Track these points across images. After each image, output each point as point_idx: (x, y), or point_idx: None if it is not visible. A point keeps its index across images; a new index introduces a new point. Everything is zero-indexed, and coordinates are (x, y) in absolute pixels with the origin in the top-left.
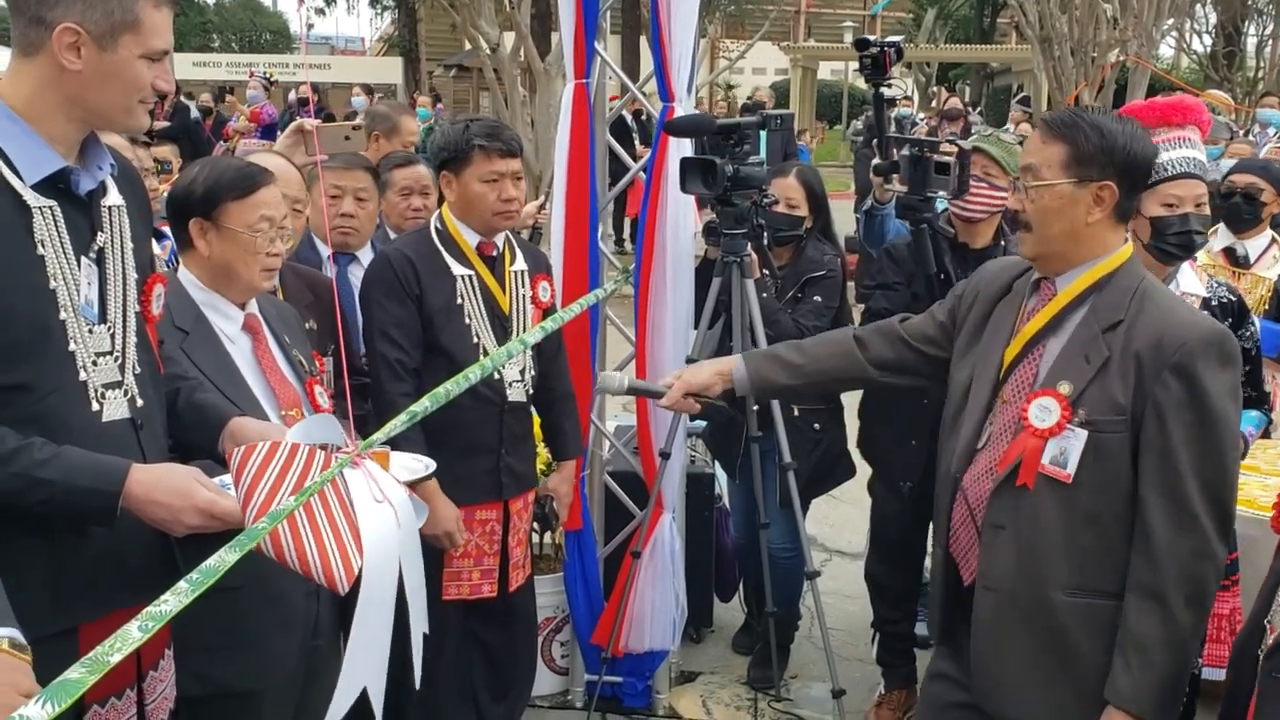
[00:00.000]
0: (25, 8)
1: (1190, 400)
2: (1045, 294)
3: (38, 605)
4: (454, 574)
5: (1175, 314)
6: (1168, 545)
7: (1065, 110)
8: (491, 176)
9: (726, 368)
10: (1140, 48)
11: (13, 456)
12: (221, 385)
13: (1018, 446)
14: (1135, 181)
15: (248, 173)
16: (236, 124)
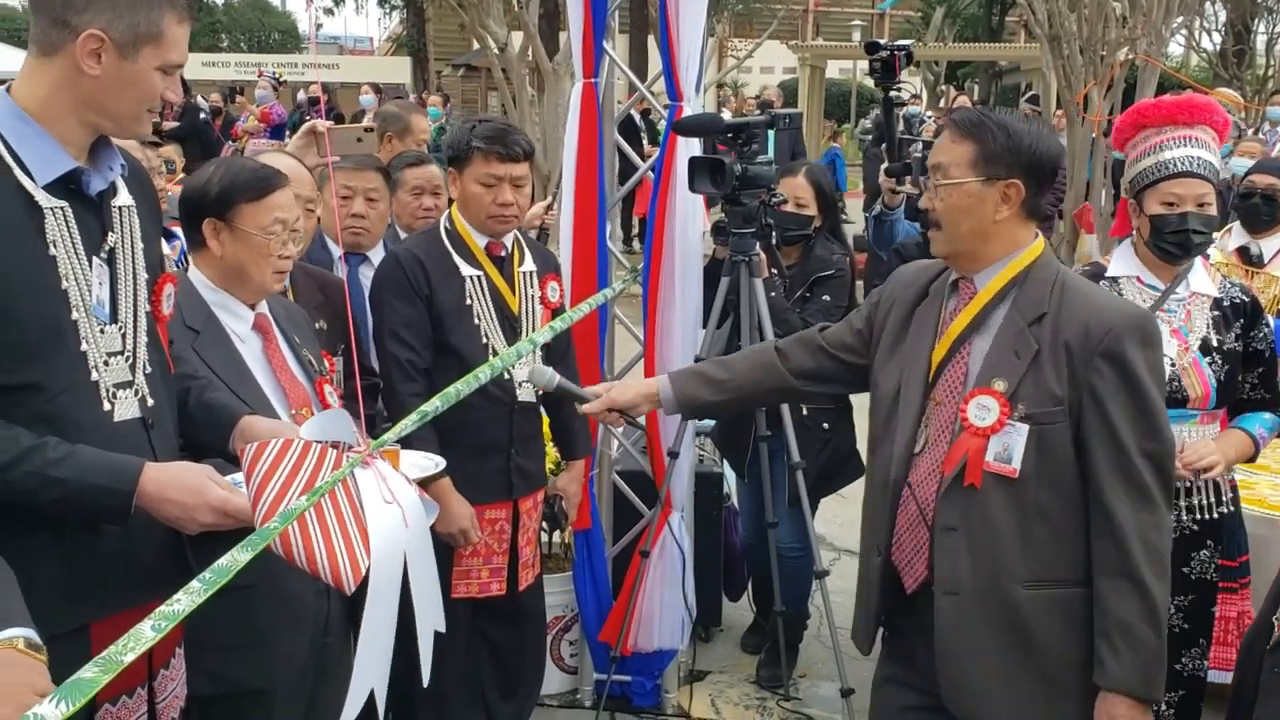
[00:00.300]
0: (50, 9)
1: (1124, 382)
2: (965, 293)
3: (51, 603)
4: (463, 572)
5: (1097, 301)
6: (1131, 525)
7: (973, 110)
8: (489, 180)
9: (652, 389)
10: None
11: (27, 455)
12: (232, 384)
13: (961, 447)
14: (1041, 180)
15: (263, 175)
16: (245, 124)
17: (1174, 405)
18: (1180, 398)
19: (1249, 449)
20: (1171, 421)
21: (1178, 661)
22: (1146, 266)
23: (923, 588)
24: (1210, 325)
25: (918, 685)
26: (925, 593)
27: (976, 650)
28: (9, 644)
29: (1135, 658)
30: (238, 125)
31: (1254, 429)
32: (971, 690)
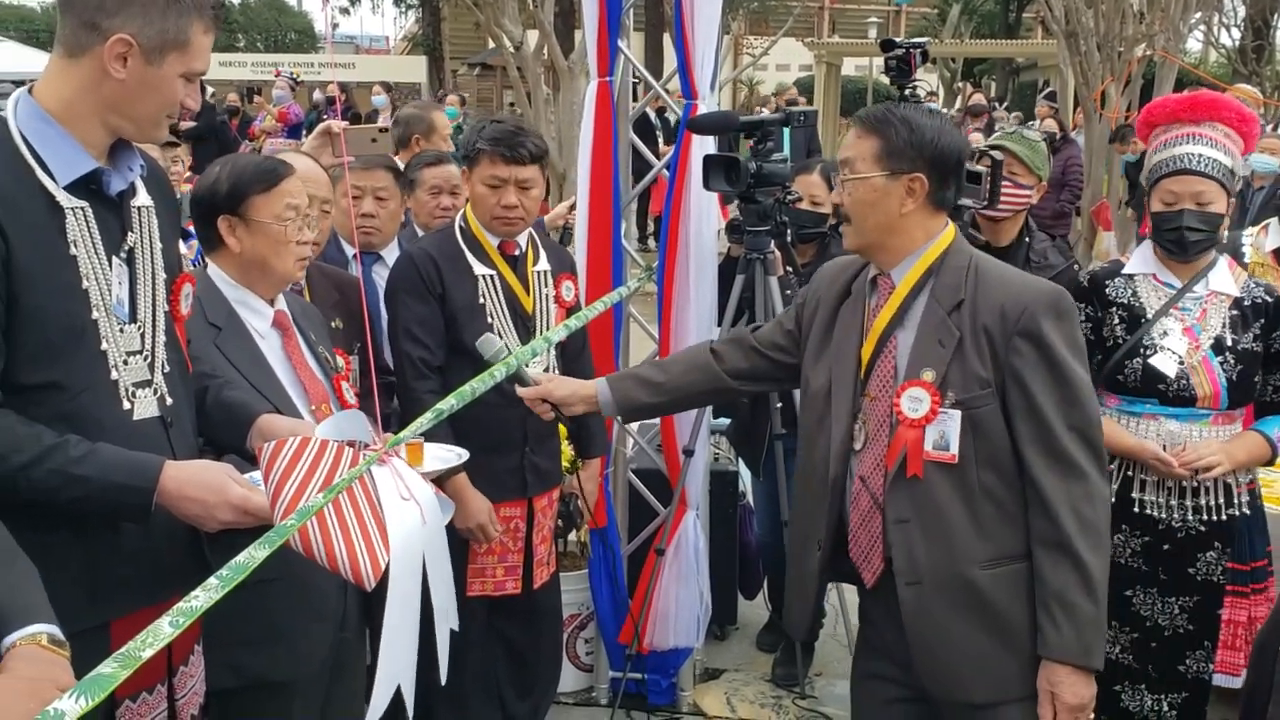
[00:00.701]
0: (81, 11)
1: (1042, 359)
2: (884, 289)
3: (72, 601)
4: (478, 570)
5: (1010, 283)
6: (1060, 497)
7: (879, 106)
8: (494, 181)
9: (590, 391)
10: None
11: (49, 454)
12: (255, 380)
13: (900, 440)
14: (946, 173)
15: (269, 165)
16: (263, 124)
17: (1181, 404)
18: (1188, 396)
19: (1264, 452)
20: (1181, 421)
21: (1181, 663)
22: (1163, 264)
23: (881, 579)
24: (1226, 324)
25: (897, 678)
26: (889, 584)
27: (945, 634)
28: (32, 640)
29: (1073, 627)
30: (255, 125)
31: (1272, 432)
32: (946, 672)
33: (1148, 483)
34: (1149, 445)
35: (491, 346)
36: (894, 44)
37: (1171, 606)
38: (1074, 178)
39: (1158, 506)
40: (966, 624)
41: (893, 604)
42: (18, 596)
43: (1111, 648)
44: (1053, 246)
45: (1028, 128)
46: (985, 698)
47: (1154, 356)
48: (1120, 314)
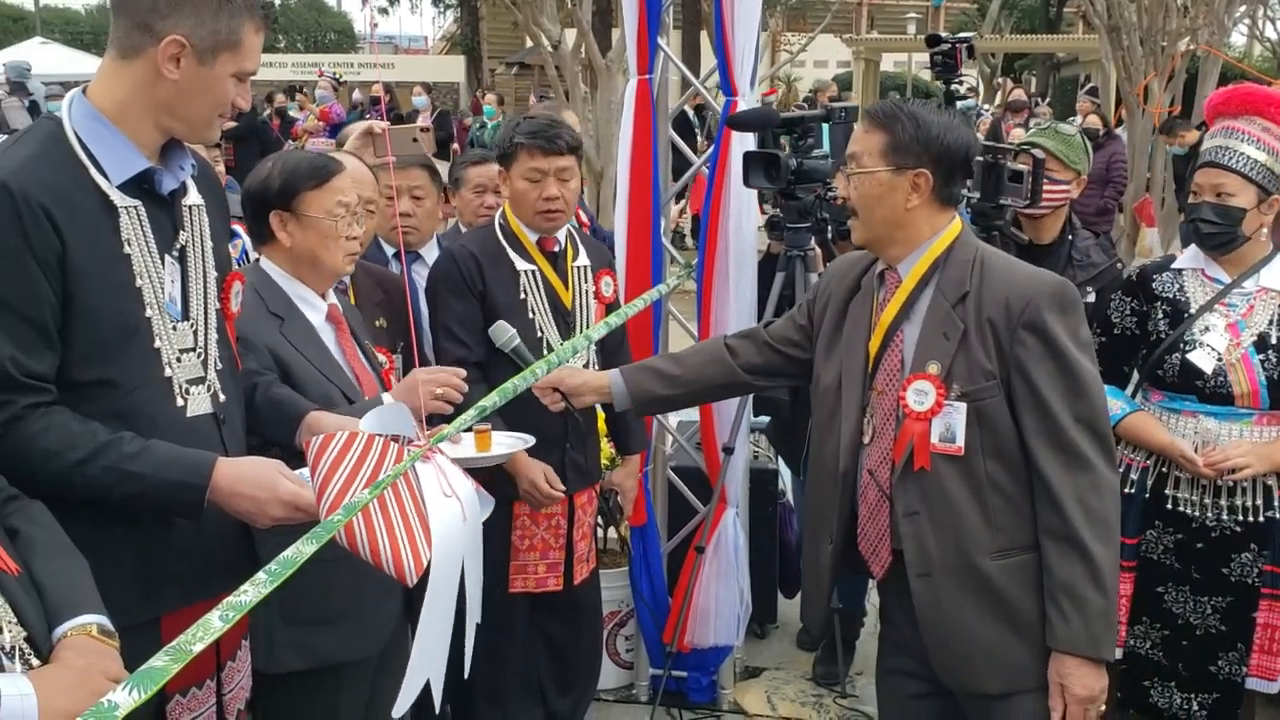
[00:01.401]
0: (135, 13)
1: (1046, 351)
2: (891, 283)
3: (125, 596)
4: (520, 567)
5: (1015, 275)
6: (1066, 489)
7: (887, 102)
8: (534, 174)
9: (603, 381)
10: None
11: (104, 450)
12: (322, 367)
13: (906, 433)
14: (952, 169)
15: (320, 162)
16: (305, 123)
17: (1219, 401)
18: (1225, 394)
19: None
20: (1220, 420)
21: (1213, 663)
22: (1213, 259)
23: (893, 573)
24: (1274, 321)
25: (918, 673)
26: (901, 577)
27: (958, 625)
28: (83, 630)
29: (1081, 619)
30: (298, 124)
31: None
32: (960, 663)
33: (1181, 479)
34: (1179, 443)
35: (503, 334)
36: (939, 39)
37: (1204, 606)
38: (1118, 174)
39: (1191, 504)
40: (978, 614)
41: (906, 598)
42: (69, 588)
43: (1142, 644)
44: (1096, 245)
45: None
46: (1000, 688)
47: (1192, 352)
48: (1165, 308)
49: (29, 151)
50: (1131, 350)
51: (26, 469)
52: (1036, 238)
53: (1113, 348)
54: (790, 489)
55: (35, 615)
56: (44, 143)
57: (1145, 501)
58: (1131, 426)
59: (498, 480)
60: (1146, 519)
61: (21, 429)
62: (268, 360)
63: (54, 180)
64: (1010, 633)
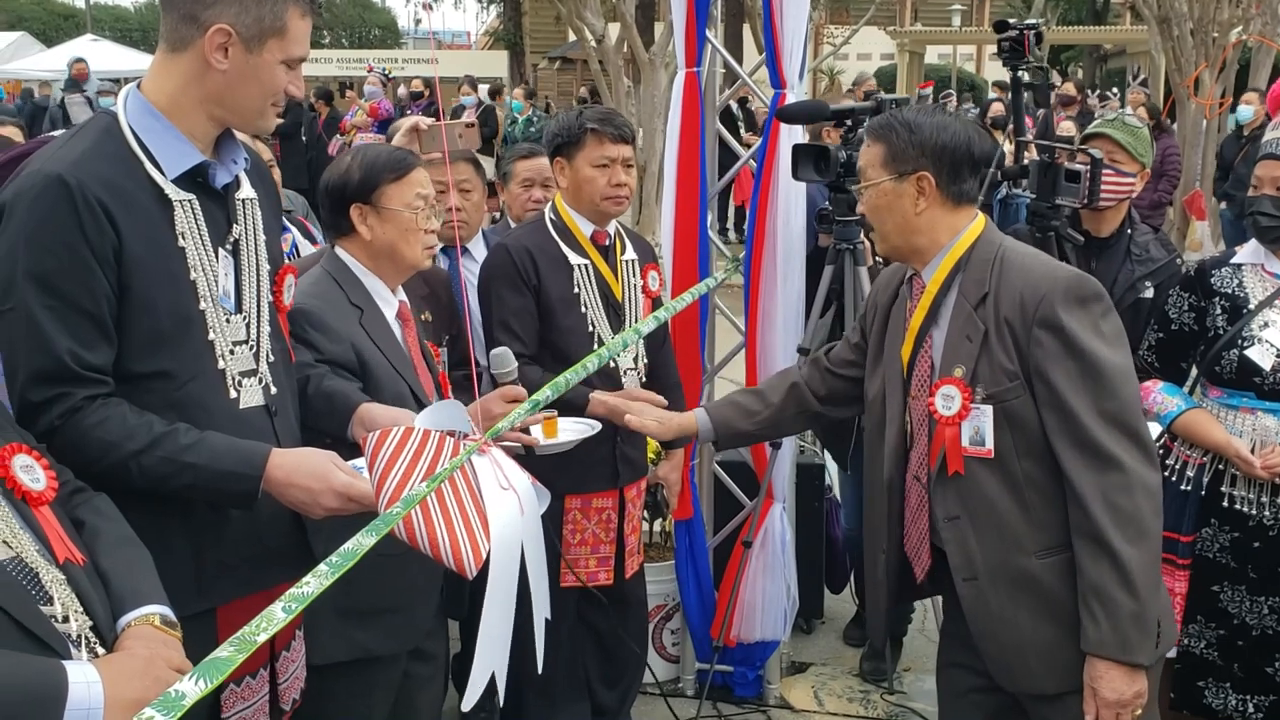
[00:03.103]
0: (180, 5)
1: (1063, 348)
2: (918, 289)
3: (181, 587)
4: (572, 561)
5: (1030, 272)
6: (1091, 488)
7: (883, 115)
8: (603, 161)
9: (689, 421)
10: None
11: (160, 441)
12: (395, 362)
13: (938, 439)
14: (955, 166)
15: (399, 155)
16: (354, 118)
17: (1278, 399)
18: None
19: None
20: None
21: (1270, 664)
22: (1273, 253)
23: (940, 575)
24: None
25: (976, 667)
26: (947, 580)
27: (1009, 627)
28: (146, 620)
29: (1111, 622)
30: (346, 119)
31: None
32: (1015, 665)
33: (1238, 477)
34: (1235, 442)
35: (504, 364)
36: (1007, 25)
37: (1260, 606)
38: (1172, 167)
39: (1248, 502)
40: (1028, 614)
41: (954, 599)
42: (132, 579)
43: (1197, 643)
44: (1155, 240)
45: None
46: (1056, 688)
47: (1251, 348)
48: (1223, 304)
49: (85, 146)
50: (1190, 346)
51: (85, 460)
52: (1096, 231)
53: (1170, 343)
54: (837, 484)
55: (100, 605)
56: (100, 137)
57: (1201, 499)
58: (1188, 424)
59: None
60: (1203, 516)
61: (80, 421)
62: (348, 353)
63: (110, 174)
64: (1062, 631)
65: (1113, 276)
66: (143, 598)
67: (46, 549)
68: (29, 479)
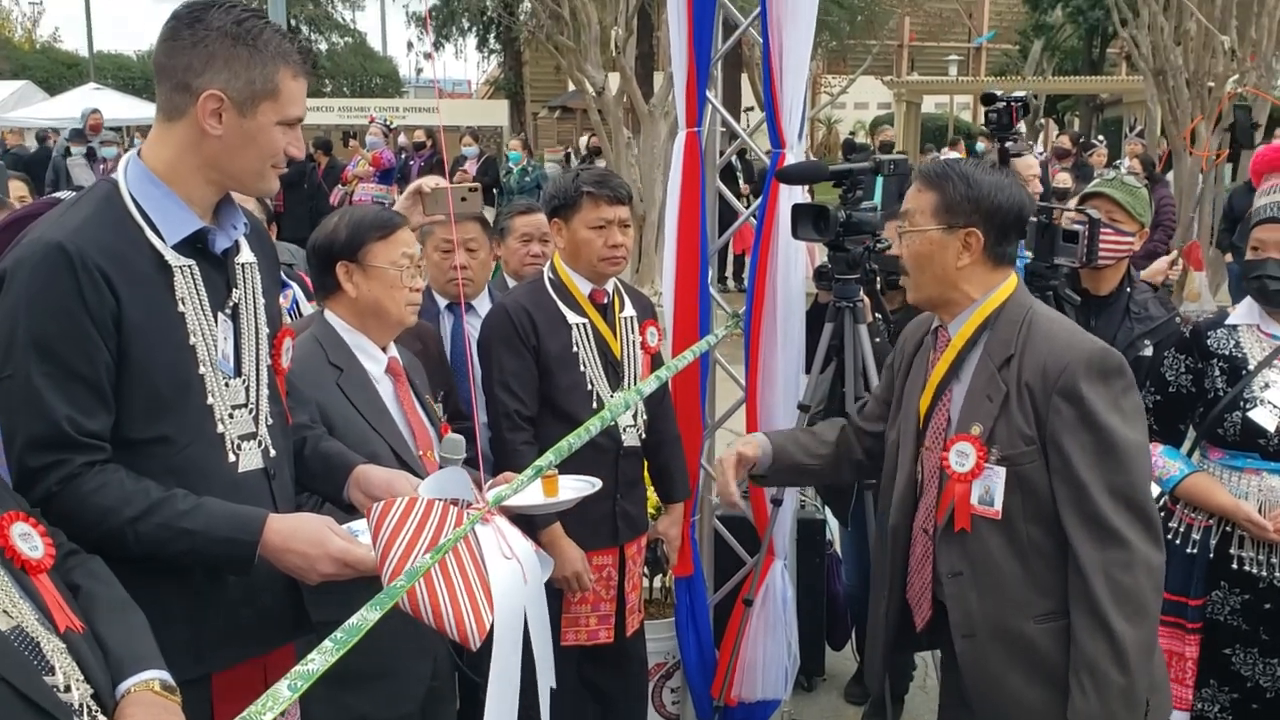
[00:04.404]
0: (172, 75)
1: (1081, 419)
2: (943, 341)
3: (175, 653)
4: (572, 620)
5: (1056, 340)
6: (1093, 563)
7: (940, 161)
8: (599, 222)
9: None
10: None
11: (157, 507)
12: (373, 421)
13: (948, 494)
14: (1005, 228)
15: (386, 215)
16: (356, 169)
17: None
18: None
19: None
20: None
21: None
22: (1268, 314)
23: (939, 630)
24: None
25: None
26: (948, 634)
27: (1001, 686)
28: (145, 686)
29: (1100, 696)
30: (348, 169)
31: None
32: None
33: (1245, 539)
34: (1243, 506)
35: (456, 451)
36: (995, 98)
37: (1274, 668)
38: (1167, 218)
39: (1257, 564)
40: (1021, 676)
41: (951, 654)
42: (130, 644)
43: (1210, 707)
44: (1154, 298)
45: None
46: None
47: (1253, 410)
48: (1221, 365)
49: (86, 214)
50: (1188, 408)
51: (82, 526)
52: (1095, 289)
53: (1168, 406)
54: (838, 539)
55: (100, 672)
56: (100, 205)
57: (1209, 561)
58: (1192, 488)
59: None
60: (1211, 580)
61: (78, 487)
62: (315, 413)
63: (110, 241)
64: (1053, 695)
65: (1112, 335)
66: (141, 662)
67: (46, 617)
68: (27, 547)
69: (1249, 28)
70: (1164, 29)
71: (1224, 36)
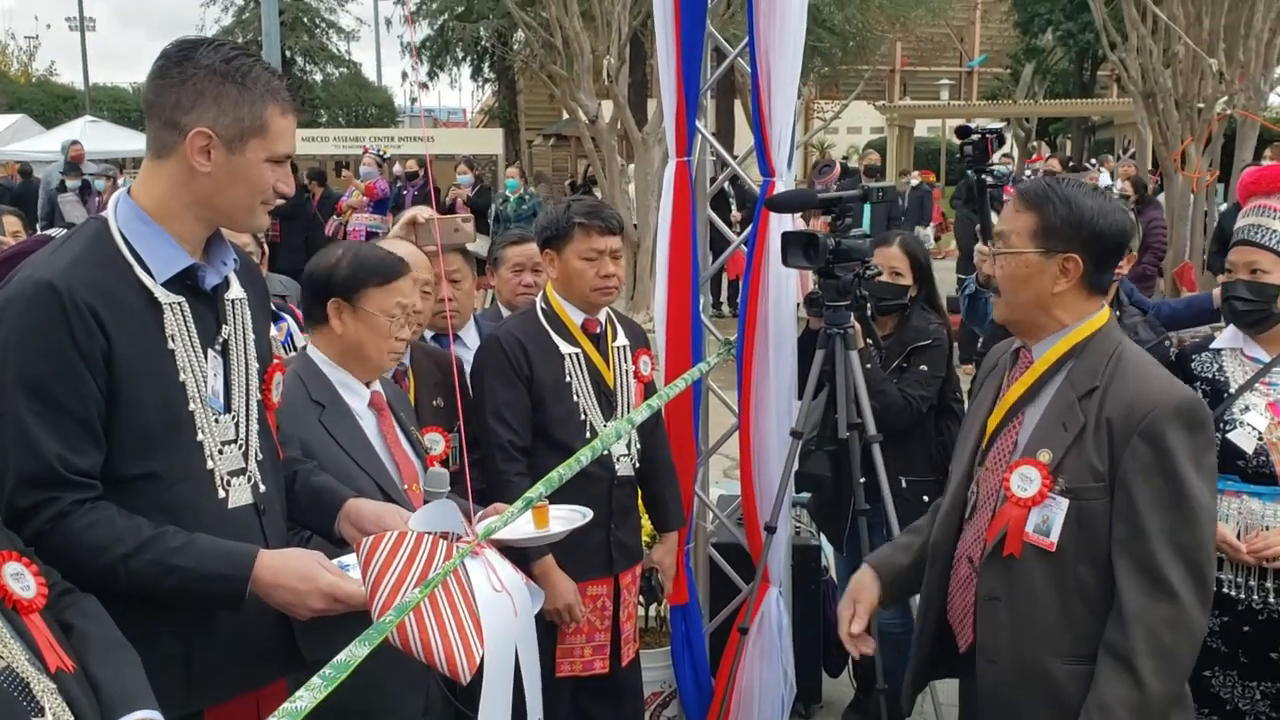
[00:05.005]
0: (161, 112)
1: (1158, 466)
2: (1023, 362)
3: (171, 689)
4: (566, 651)
5: (1147, 381)
6: (1138, 612)
7: (1040, 181)
8: (590, 254)
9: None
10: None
11: (148, 544)
12: (357, 457)
13: (1003, 516)
14: (1105, 255)
15: (390, 261)
16: (350, 199)
17: (1262, 481)
18: (1268, 473)
19: None
20: (1265, 500)
21: None
22: (1252, 338)
23: (970, 651)
24: None
25: None
26: (973, 657)
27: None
28: None
29: None
30: (343, 200)
31: None
32: None
33: (1225, 561)
34: (1221, 528)
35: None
36: (969, 130)
37: (1253, 691)
38: (1156, 240)
39: (1235, 586)
40: (1039, 714)
41: (972, 681)
42: (122, 683)
43: None
44: (1144, 321)
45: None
46: None
47: (1233, 432)
48: (1204, 389)
49: (76, 252)
50: None
51: (74, 564)
52: None
53: None
54: (834, 565)
55: (91, 712)
56: (90, 242)
57: None
58: None
59: None
60: None
61: (68, 525)
62: (298, 449)
63: (100, 279)
64: None
65: None
66: (133, 702)
67: (37, 658)
68: (19, 587)
69: (1237, 50)
70: (1153, 52)
71: (1212, 59)
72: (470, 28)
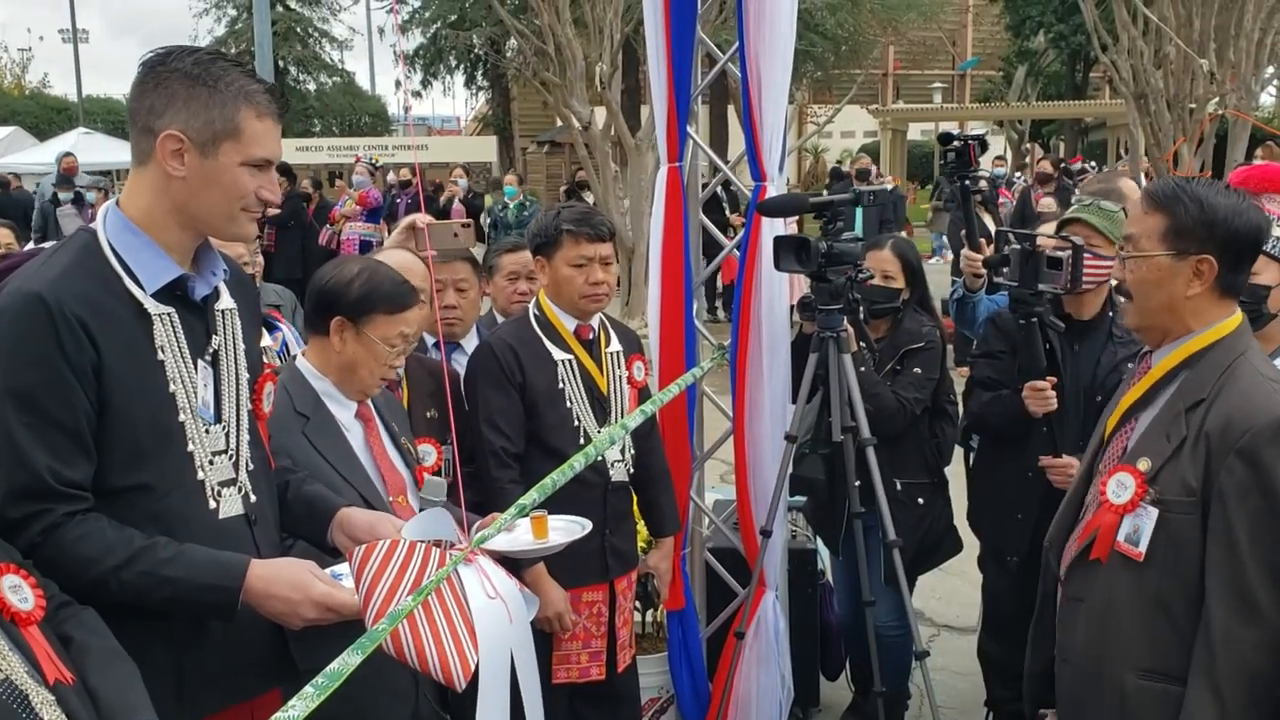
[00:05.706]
0: (138, 118)
1: (1256, 485)
2: (1144, 367)
3: (165, 699)
4: (562, 657)
5: (1250, 397)
6: (1227, 635)
7: (1169, 180)
8: (579, 260)
9: None
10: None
11: (139, 556)
12: (341, 469)
13: (1095, 520)
14: (1240, 256)
15: (403, 291)
16: (343, 208)
17: None
18: None
19: None
20: None
21: None
22: None
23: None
24: None
25: None
26: (1056, 662)
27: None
28: None
29: None
30: (336, 209)
31: None
32: None
33: None
34: None
35: (437, 493)
36: (951, 137)
37: None
38: None
39: None
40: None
41: None
42: (121, 695)
43: None
44: None
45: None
46: None
47: None
48: None
49: (65, 263)
50: None
51: (65, 576)
52: (1078, 314)
53: None
54: (830, 569)
55: None
56: (79, 254)
57: None
58: None
59: None
60: None
61: (60, 537)
62: (289, 460)
63: (89, 291)
64: None
65: (1095, 358)
66: (132, 713)
67: (36, 669)
68: (17, 599)
69: (1227, 51)
70: (1144, 53)
71: (1203, 60)
72: (463, 35)
